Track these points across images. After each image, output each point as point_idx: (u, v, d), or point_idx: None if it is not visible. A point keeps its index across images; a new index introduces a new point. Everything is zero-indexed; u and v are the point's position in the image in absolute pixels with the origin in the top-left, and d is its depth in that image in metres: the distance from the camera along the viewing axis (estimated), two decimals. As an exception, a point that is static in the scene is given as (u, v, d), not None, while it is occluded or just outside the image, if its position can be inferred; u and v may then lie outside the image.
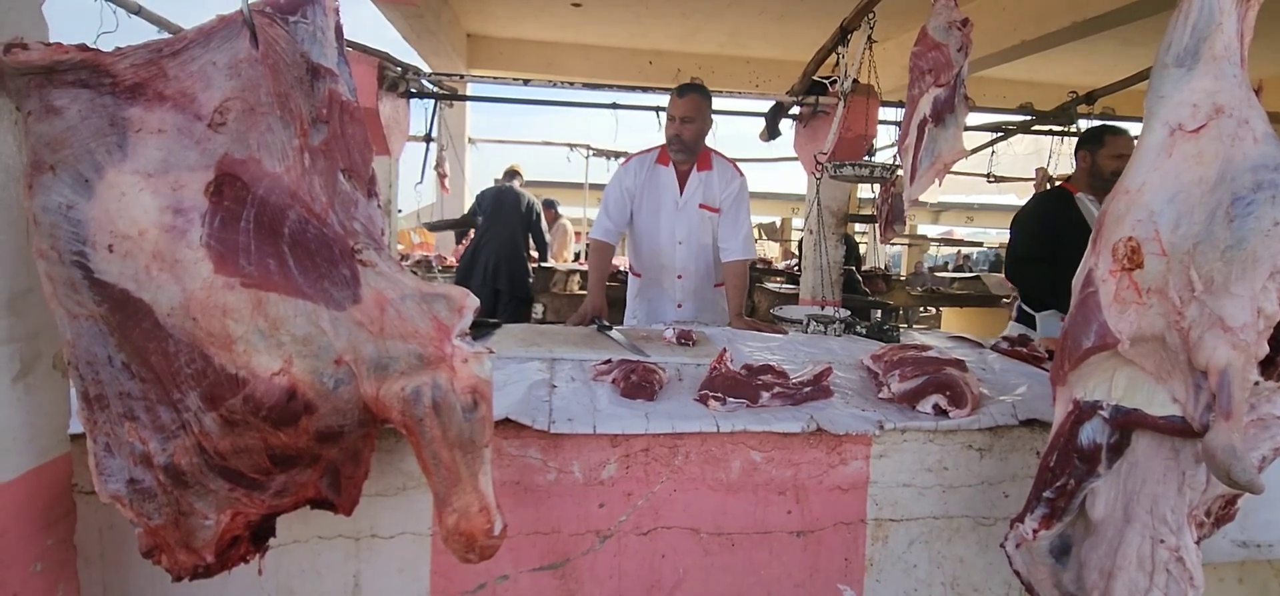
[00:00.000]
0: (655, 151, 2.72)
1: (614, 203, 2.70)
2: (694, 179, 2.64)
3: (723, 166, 2.70)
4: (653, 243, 2.67)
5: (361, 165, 0.99)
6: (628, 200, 2.68)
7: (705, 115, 2.58)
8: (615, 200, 2.70)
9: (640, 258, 2.74)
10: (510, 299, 5.07)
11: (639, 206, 2.68)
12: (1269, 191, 1.01)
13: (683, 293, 2.70)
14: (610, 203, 2.72)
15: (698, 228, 2.65)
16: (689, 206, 2.64)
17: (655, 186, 2.66)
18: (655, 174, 2.67)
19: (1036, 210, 2.95)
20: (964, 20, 1.92)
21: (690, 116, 2.53)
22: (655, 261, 2.69)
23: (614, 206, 2.70)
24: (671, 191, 2.64)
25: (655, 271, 2.70)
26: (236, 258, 0.83)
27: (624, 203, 2.68)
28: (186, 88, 0.85)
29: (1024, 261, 2.92)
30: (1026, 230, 2.93)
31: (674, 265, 2.67)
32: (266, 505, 1.00)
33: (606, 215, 2.72)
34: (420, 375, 0.94)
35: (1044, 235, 2.81)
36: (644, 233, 2.69)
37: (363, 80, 2.85)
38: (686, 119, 2.53)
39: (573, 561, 1.35)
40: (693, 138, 2.56)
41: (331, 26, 0.96)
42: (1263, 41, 5.68)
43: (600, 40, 7.26)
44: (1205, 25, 1.07)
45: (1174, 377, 1.07)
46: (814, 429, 1.38)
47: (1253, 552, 1.45)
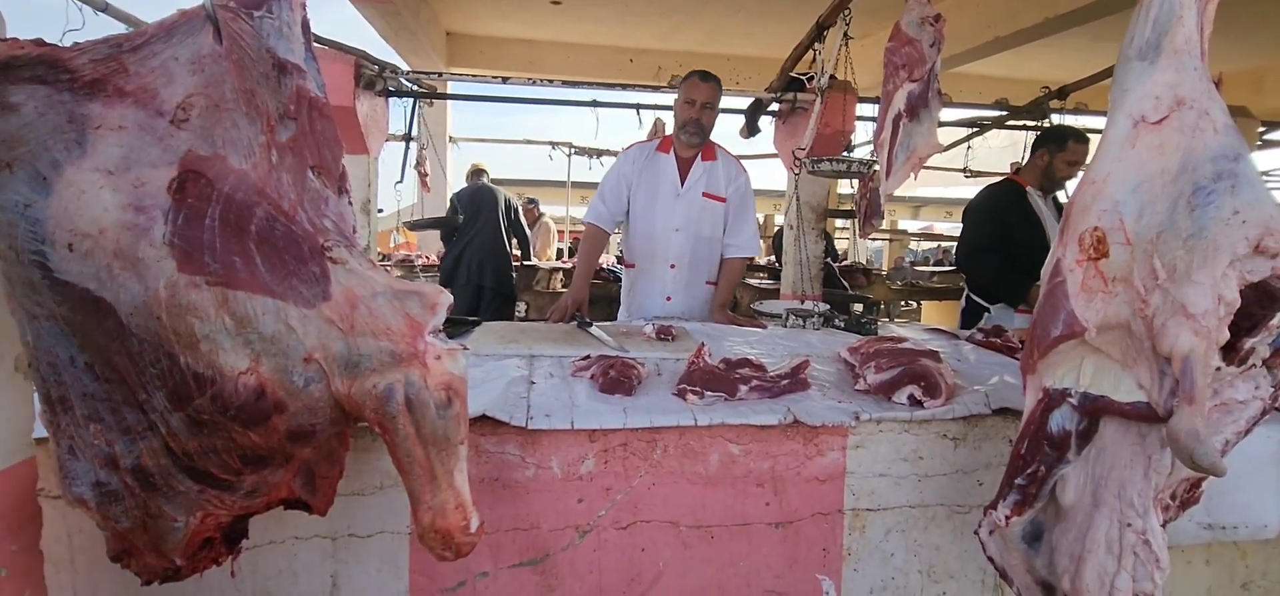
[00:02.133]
0: (657, 140, 2.70)
1: (610, 188, 2.67)
2: (698, 168, 2.61)
3: (727, 160, 2.69)
4: (648, 229, 2.62)
5: (331, 162, 0.98)
6: (625, 186, 2.64)
7: (718, 104, 2.58)
8: (612, 186, 2.66)
9: (633, 246, 2.69)
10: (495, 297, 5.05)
11: (636, 193, 2.63)
12: (1228, 181, 1.04)
13: (674, 285, 2.65)
14: (607, 188, 2.69)
15: (699, 217, 2.61)
16: (690, 195, 2.60)
17: (654, 173, 2.62)
18: (655, 161, 2.64)
19: (987, 202, 2.96)
20: (936, 16, 1.95)
21: (710, 103, 2.50)
22: (648, 249, 2.64)
23: (610, 192, 2.66)
24: (671, 179, 2.61)
25: (647, 261, 2.65)
26: (201, 255, 0.82)
27: (621, 189, 2.64)
28: (148, 83, 0.83)
29: (974, 252, 2.94)
30: (976, 221, 2.95)
31: (667, 254, 2.62)
32: (238, 506, 0.99)
33: (601, 200, 2.68)
34: (393, 372, 0.94)
35: (993, 226, 2.84)
36: (639, 219, 2.65)
37: (339, 79, 2.82)
38: (708, 104, 2.50)
39: (552, 557, 1.35)
40: (710, 124, 2.55)
41: (298, 22, 0.95)
42: (1226, 37, 5.81)
43: (581, 38, 7.24)
44: (1166, 19, 1.09)
45: (1139, 364, 1.09)
46: (791, 421, 1.39)
47: (1218, 534, 1.49)
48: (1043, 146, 2.86)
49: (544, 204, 8.46)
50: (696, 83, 2.52)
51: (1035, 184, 2.83)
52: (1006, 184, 2.98)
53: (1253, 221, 1.01)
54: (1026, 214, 2.75)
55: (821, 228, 3.77)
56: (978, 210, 2.97)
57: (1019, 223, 2.73)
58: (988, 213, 2.91)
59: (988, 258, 2.87)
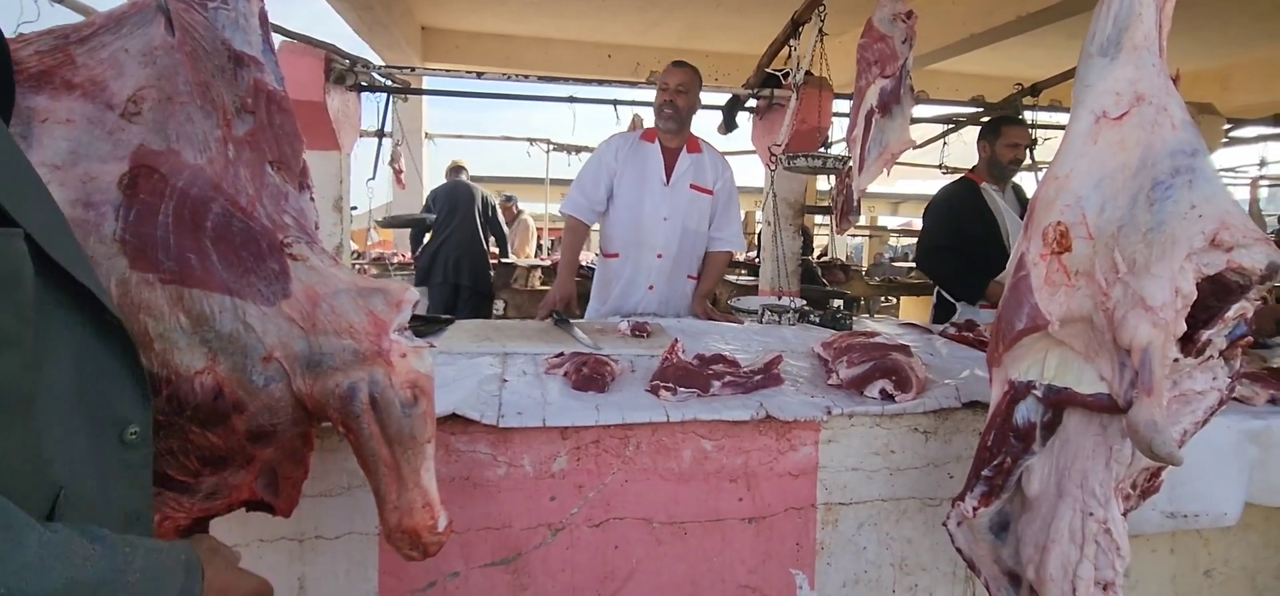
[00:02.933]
0: (639, 131, 2.68)
1: (591, 178, 2.61)
2: (684, 159, 2.59)
3: (712, 153, 2.67)
4: (635, 218, 2.58)
5: (291, 157, 0.96)
6: (607, 176, 2.59)
7: (696, 92, 2.56)
8: (592, 176, 2.61)
9: (617, 236, 2.64)
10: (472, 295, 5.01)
11: (620, 182, 2.59)
12: (1186, 176, 1.06)
13: (658, 274, 2.61)
14: (587, 178, 2.63)
15: (686, 208, 2.59)
16: (679, 185, 2.58)
17: (640, 162, 2.58)
18: (640, 150, 2.60)
19: (942, 200, 2.99)
20: (908, 13, 1.96)
21: (684, 86, 2.49)
22: (635, 237, 2.59)
23: (590, 182, 2.60)
24: (657, 168, 2.58)
25: (633, 249, 2.60)
26: (154, 252, 0.80)
27: (602, 178, 2.59)
28: (96, 75, 0.81)
29: (930, 251, 2.97)
30: (935, 219, 2.98)
31: (655, 243, 2.58)
32: (197, 509, 0.96)
33: (581, 192, 2.62)
34: (356, 371, 0.92)
35: (948, 225, 2.87)
36: (625, 208, 2.60)
37: (309, 73, 2.77)
38: (681, 88, 2.49)
39: (525, 555, 1.34)
40: (686, 108, 2.53)
41: (255, 13, 0.92)
42: (1193, 36, 5.94)
43: (558, 33, 7.19)
44: (1126, 16, 1.11)
45: (1101, 356, 1.11)
46: (763, 416, 1.39)
47: (1181, 523, 1.52)
48: (983, 139, 2.90)
49: (522, 201, 8.41)
50: (670, 68, 2.54)
51: (987, 178, 2.87)
52: (961, 182, 3.01)
53: (1209, 216, 1.03)
54: (981, 210, 2.78)
55: (799, 224, 3.79)
56: (934, 209, 3.00)
57: (974, 219, 2.77)
58: (943, 211, 2.94)
59: (944, 256, 2.90)
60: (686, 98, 2.51)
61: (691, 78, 2.52)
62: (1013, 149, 2.74)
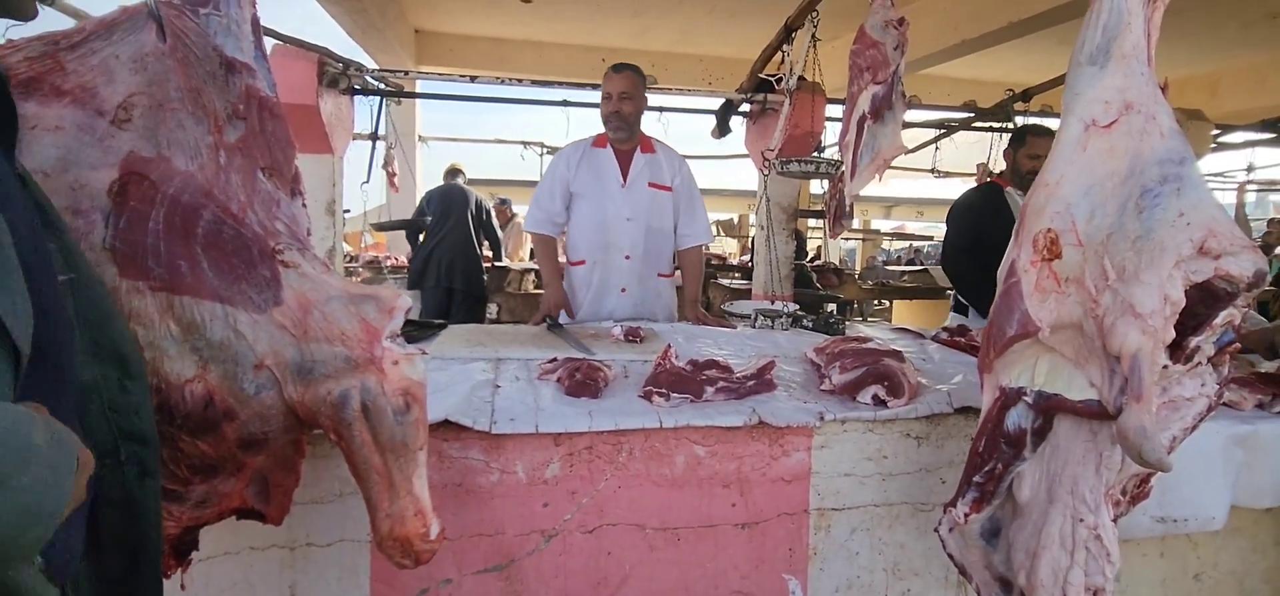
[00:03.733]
0: (589, 138, 2.67)
1: (546, 192, 2.64)
2: (639, 159, 2.60)
3: (666, 150, 2.68)
4: (598, 222, 2.59)
5: (283, 163, 0.96)
6: (561, 187, 2.61)
7: (641, 94, 2.55)
8: (548, 190, 2.64)
9: (582, 243, 2.64)
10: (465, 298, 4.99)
11: (579, 190, 2.60)
12: (1174, 184, 1.07)
13: (629, 275, 2.60)
14: (542, 193, 2.66)
15: (648, 208, 2.59)
16: (636, 185, 2.58)
17: (595, 168, 2.59)
18: (593, 157, 2.61)
19: (967, 203, 3.05)
20: (900, 19, 1.97)
21: (628, 92, 2.49)
22: (601, 241, 2.59)
23: (546, 196, 2.63)
24: (613, 171, 2.58)
25: (600, 252, 2.60)
26: (144, 260, 0.79)
27: (556, 191, 2.61)
28: (86, 82, 0.80)
29: (951, 253, 3.04)
30: (957, 222, 3.04)
31: (621, 244, 2.58)
32: (187, 517, 0.96)
33: (538, 206, 2.65)
34: (348, 378, 0.92)
35: (970, 228, 2.92)
36: (587, 214, 2.61)
37: (302, 77, 2.76)
38: (625, 95, 2.49)
39: (517, 562, 1.34)
40: (633, 114, 2.52)
41: (247, 19, 0.92)
42: (1183, 43, 6.00)
43: (552, 37, 7.19)
44: (1115, 25, 1.12)
45: (1091, 363, 1.11)
46: (756, 422, 1.39)
47: (1171, 527, 1.53)
48: (1008, 148, 2.95)
49: (516, 204, 8.40)
50: (610, 75, 2.53)
51: (1013, 184, 2.90)
52: (987, 186, 3.07)
53: (1197, 223, 1.04)
54: (1003, 214, 2.80)
55: (793, 228, 3.80)
56: (958, 212, 3.06)
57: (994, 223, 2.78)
58: (963, 215, 3.00)
59: (960, 259, 2.97)
60: (632, 103, 2.51)
61: (633, 82, 2.51)
62: (1034, 160, 2.73)
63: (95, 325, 0.65)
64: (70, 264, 0.64)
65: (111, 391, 0.66)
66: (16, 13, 0.64)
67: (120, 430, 0.66)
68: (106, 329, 0.66)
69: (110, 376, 0.66)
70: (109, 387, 0.66)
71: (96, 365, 0.65)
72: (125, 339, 0.68)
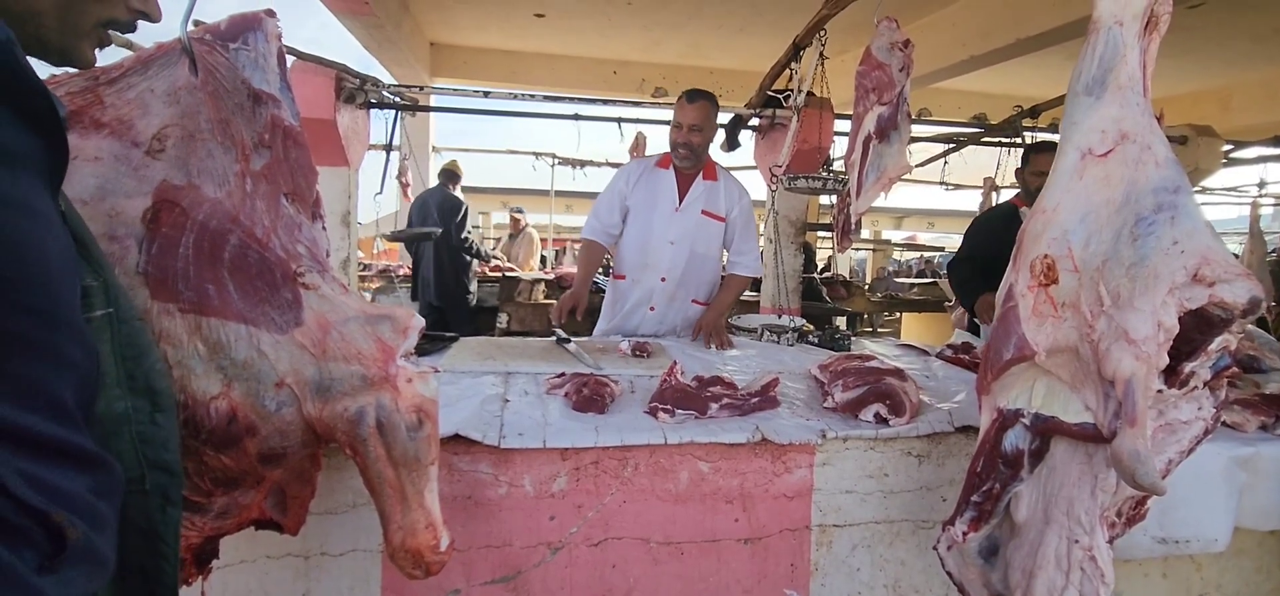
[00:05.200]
0: (656, 156, 2.71)
1: (605, 205, 2.69)
2: (698, 186, 2.61)
3: (729, 180, 2.69)
4: (643, 240, 2.63)
5: (305, 189, 1.00)
6: (619, 201, 2.65)
7: (712, 124, 2.56)
8: (607, 203, 2.68)
9: (626, 259, 2.69)
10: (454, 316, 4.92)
11: (634, 207, 2.65)
12: (1168, 212, 1.09)
13: (660, 296, 2.63)
14: (602, 205, 2.70)
15: (695, 233, 2.61)
16: (689, 211, 2.60)
17: (652, 188, 2.64)
18: (653, 176, 2.65)
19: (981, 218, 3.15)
20: (905, 41, 2.00)
21: (698, 125, 2.49)
22: (641, 259, 2.64)
23: (604, 208, 2.68)
24: (669, 194, 2.62)
25: (638, 271, 2.65)
26: (175, 283, 0.84)
27: (614, 205, 2.66)
28: (123, 115, 0.85)
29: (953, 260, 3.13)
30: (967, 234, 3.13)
31: (659, 266, 2.61)
32: (209, 527, 1.00)
33: (596, 217, 2.70)
34: (364, 396, 0.96)
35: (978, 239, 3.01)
36: (635, 232, 2.65)
37: (320, 92, 2.83)
38: (695, 127, 2.49)
39: (525, 574, 1.37)
40: (702, 145, 2.54)
41: (274, 52, 0.97)
42: (1194, 58, 5.98)
43: (563, 50, 7.28)
44: (1111, 57, 1.14)
45: (1087, 387, 1.14)
46: (759, 439, 1.42)
47: (1172, 548, 1.54)
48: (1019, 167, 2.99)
49: (529, 213, 8.46)
50: (683, 104, 2.52)
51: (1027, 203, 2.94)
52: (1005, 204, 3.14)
53: (1191, 251, 1.06)
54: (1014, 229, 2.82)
55: (800, 241, 3.83)
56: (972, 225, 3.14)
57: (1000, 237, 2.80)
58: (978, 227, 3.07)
59: (960, 266, 3.04)
60: (701, 135, 2.52)
61: (706, 113, 2.50)
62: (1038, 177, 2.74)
63: (131, 359, 0.69)
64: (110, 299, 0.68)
65: (142, 423, 0.70)
66: (77, 62, 0.69)
67: (147, 459, 0.70)
68: (141, 363, 0.71)
69: (142, 408, 0.70)
70: (140, 419, 0.70)
71: (130, 397, 0.69)
72: (159, 373, 0.72)
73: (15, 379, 0.54)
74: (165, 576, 0.73)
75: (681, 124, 2.50)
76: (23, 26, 0.62)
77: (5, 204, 0.51)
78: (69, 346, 0.59)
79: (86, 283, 0.66)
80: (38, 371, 0.56)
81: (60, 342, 0.58)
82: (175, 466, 0.74)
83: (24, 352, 0.55)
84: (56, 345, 0.58)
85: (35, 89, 0.57)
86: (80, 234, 0.67)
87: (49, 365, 0.57)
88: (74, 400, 0.60)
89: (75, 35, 0.67)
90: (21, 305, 0.54)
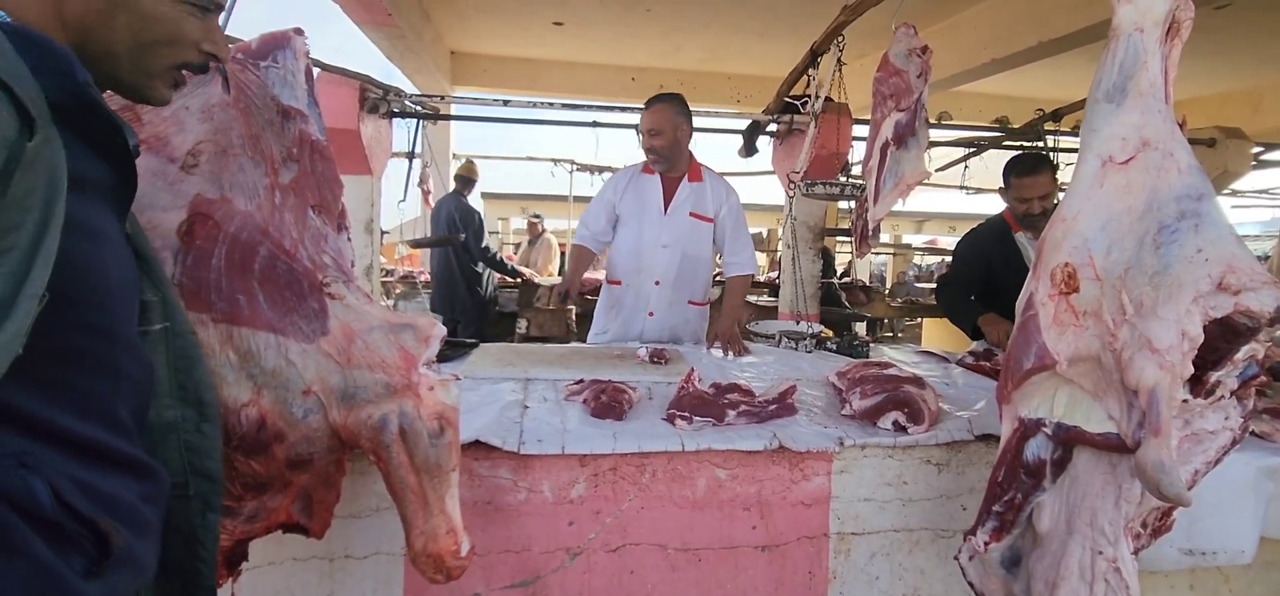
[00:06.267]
0: (640, 164, 2.75)
1: (593, 213, 2.74)
2: (684, 188, 2.65)
3: (715, 180, 2.72)
4: (635, 246, 2.67)
5: (331, 201, 1.03)
6: (607, 210, 2.71)
7: (674, 123, 2.56)
8: (595, 212, 2.74)
9: (619, 265, 2.73)
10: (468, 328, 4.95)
11: (623, 214, 2.70)
12: (1192, 220, 1.08)
13: (657, 301, 2.66)
14: (590, 213, 2.76)
15: (686, 236, 2.64)
16: (677, 214, 2.64)
17: (639, 193, 2.68)
18: (639, 182, 2.69)
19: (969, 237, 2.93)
20: (923, 47, 2.00)
21: (656, 129, 2.53)
22: (634, 265, 2.67)
23: (593, 216, 2.74)
24: (656, 198, 2.65)
25: (633, 276, 2.68)
26: (208, 294, 0.87)
27: (601, 213, 2.71)
28: (160, 132, 0.88)
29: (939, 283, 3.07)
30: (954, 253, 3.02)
31: (653, 270, 2.64)
32: (239, 531, 1.03)
33: (585, 225, 2.76)
34: (387, 403, 0.98)
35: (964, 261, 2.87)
36: (627, 238, 2.70)
37: (344, 102, 2.88)
38: (653, 131, 2.54)
39: (543, 579, 1.39)
40: (665, 148, 2.56)
41: (302, 69, 1.00)
42: (1223, 59, 5.85)
43: (582, 57, 7.32)
44: (1131, 64, 1.13)
45: (1110, 396, 1.12)
46: (776, 446, 1.42)
47: (1198, 560, 1.51)
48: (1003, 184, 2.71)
49: (548, 218, 8.52)
50: (643, 113, 2.60)
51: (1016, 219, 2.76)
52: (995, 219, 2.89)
53: (1215, 259, 1.04)
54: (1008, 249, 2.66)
55: (819, 247, 3.81)
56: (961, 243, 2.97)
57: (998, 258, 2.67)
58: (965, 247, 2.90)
59: (945, 290, 2.94)
60: (661, 139, 2.54)
61: (663, 116, 2.54)
62: (1023, 203, 2.53)
63: (183, 371, 0.73)
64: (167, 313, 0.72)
65: (189, 432, 0.74)
66: (152, 100, 0.73)
67: (192, 467, 0.74)
68: (191, 374, 0.74)
69: (190, 417, 0.74)
70: (187, 428, 0.73)
71: (180, 406, 0.73)
72: (206, 385, 0.76)
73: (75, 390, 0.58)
74: (204, 579, 0.76)
75: (641, 130, 2.58)
76: (99, 67, 0.67)
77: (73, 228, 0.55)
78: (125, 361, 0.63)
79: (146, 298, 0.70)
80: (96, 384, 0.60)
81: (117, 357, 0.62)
82: (217, 474, 0.77)
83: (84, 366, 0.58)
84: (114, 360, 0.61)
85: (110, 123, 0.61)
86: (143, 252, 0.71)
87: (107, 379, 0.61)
88: (127, 411, 0.63)
89: (148, 76, 0.71)
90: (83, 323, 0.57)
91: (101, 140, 0.62)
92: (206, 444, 0.75)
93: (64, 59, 0.59)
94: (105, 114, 0.61)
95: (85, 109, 0.59)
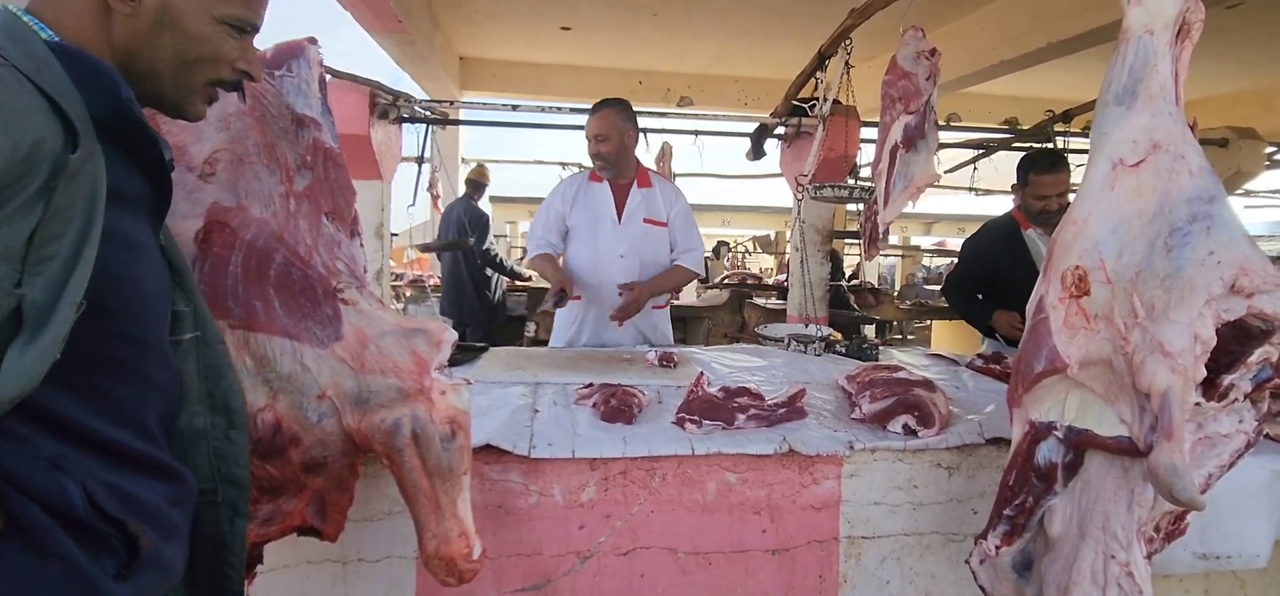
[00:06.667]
0: (586, 172, 2.71)
1: (542, 223, 2.68)
2: (635, 195, 2.61)
3: (663, 184, 2.70)
4: (592, 256, 2.62)
5: (344, 207, 1.04)
6: (557, 222, 2.65)
7: (620, 129, 2.53)
8: (544, 223, 2.68)
9: (579, 277, 2.66)
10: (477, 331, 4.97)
11: (575, 226, 2.64)
12: (1203, 223, 1.07)
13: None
14: (539, 225, 2.70)
15: (642, 243, 2.61)
16: (632, 222, 2.60)
17: (589, 203, 2.62)
18: (588, 191, 2.63)
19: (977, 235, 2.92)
20: (932, 50, 2.00)
21: (602, 135, 2.50)
22: (594, 276, 2.62)
23: (544, 228, 2.67)
24: (608, 207, 2.61)
25: (594, 289, 2.62)
26: (225, 301, 0.88)
27: (552, 224, 2.66)
28: (178, 141, 0.90)
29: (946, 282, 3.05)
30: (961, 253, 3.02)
31: (613, 280, 2.58)
32: (254, 533, 1.04)
33: (535, 237, 2.70)
34: (400, 408, 0.99)
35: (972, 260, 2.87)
36: (582, 249, 2.64)
37: (355, 108, 2.90)
38: (600, 137, 2.50)
39: (554, 582, 1.39)
40: (612, 153, 2.53)
41: (315, 79, 1.01)
42: (1234, 58, 5.80)
43: (590, 61, 7.35)
44: (1141, 66, 1.13)
45: (1121, 399, 1.12)
46: (786, 450, 1.43)
47: (1213, 564, 1.50)
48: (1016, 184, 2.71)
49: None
50: (589, 118, 2.55)
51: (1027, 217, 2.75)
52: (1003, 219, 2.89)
53: (1227, 262, 1.04)
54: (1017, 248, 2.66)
55: (827, 250, 3.80)
56: (966, 243, 2.99)
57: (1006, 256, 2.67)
58: (972, 246, 2.90)
59: (953, 289, 2.95)
60: (608, 144, 2.51)
61: (608, 122, 2.51)
62: (1041, 201, 2.52)
63: (212, 379, 0.75)
64: (198, 323, 0.73)
65: (218, 439, 0.75)
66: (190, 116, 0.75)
67: (220, 473, 0.75)
68: (221, 383, 0.76)
69: (219, 425, 0.75)
70: (217, 435, 0.75)
71: (209, 414, 0.75)
72: (235, 393, 0.77)
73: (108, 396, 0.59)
74: (231, 583, 0.78)
75: (588, 135, 2.54)
76: (143, 85, 0.69)
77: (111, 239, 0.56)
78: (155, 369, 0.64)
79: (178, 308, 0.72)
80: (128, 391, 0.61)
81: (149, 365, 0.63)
82: (244, 480, 0.79)
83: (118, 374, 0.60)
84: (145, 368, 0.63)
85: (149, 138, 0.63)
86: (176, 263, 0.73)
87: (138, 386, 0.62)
88: (155, 417, 0.65)
89: (187, 93, 0.73)
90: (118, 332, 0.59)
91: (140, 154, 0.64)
92: (235, 451, 0.77)
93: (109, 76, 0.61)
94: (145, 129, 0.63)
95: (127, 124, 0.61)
